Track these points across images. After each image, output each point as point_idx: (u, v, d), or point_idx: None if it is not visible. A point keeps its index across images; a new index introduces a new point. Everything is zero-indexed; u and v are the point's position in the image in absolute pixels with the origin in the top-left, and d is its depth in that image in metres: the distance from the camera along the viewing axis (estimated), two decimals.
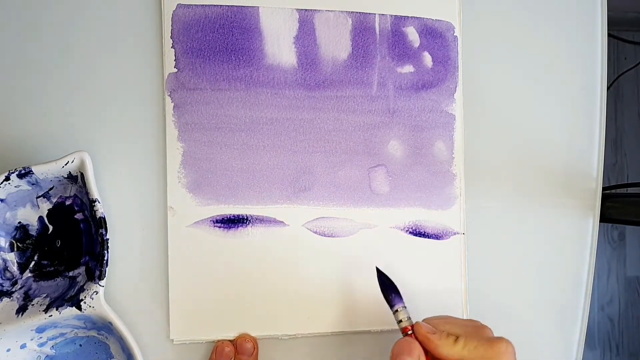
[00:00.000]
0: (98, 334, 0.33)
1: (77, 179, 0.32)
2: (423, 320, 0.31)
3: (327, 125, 0.36)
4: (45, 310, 0.30)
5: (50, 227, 0.34)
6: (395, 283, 0.32)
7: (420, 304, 0.37)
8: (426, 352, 0.30)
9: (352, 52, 0.37)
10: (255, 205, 0.35)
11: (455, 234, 0.38)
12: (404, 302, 0.32)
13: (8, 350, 0.31)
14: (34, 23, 0.34)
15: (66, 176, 0.32)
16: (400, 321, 0.31)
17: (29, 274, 0.33)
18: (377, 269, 0.33)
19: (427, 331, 0.30)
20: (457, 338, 0.29)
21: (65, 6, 0.35)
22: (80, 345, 0.34)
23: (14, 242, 0.33)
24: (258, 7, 0.36)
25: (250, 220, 0.35)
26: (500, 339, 0.29)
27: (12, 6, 0.34)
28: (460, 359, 0.29)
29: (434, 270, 0.37)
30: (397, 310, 0.31)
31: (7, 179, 0.31)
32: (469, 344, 0.29)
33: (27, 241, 0.33)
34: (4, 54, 0.34)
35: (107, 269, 0.31)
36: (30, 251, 0.33)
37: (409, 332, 0.31)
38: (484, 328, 0.30)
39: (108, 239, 0.31)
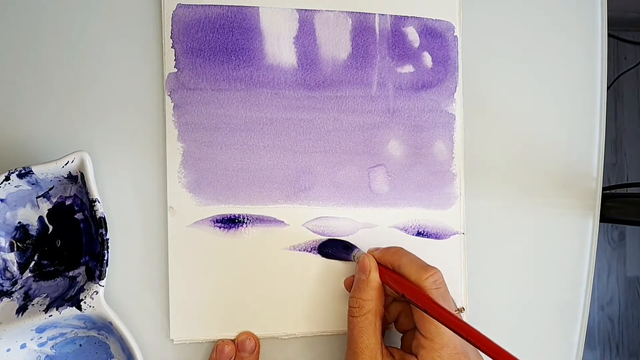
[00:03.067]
0: (98, 334, 0.33)
1: (77, 179, 0.32)
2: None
3: (327, 125, 0.36)
4: (45, 310, 0.30)
5: (50, 227, 0.34)
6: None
7: None
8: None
9: (352, 52, 0.37)
10: (255, 205, 0.35)
11: (455, 233, 0.38)
12: (356, 248, 0.35)
13: (8, 350, 0.31)
14: (33, 23, 0.34)
15: (66, 176, 0.32)
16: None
17: (29, 274, 0.33)
18: (319, 251, 0.36)
19: (373, 248, 0.34)
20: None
21: (65, 6, 0.35)
22: (80, 345, 0.34)
23: (14, 242, 0.33)
24: (258, 7, 0.36)
25: (250, 220, 0.35)
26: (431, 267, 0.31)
27: (12, 6, 0.34)
28: (398, 266, 0.32)
29: None
30: (353, 256, 0.35)
31: (7, 179, 0.31)
32: (407, 256, 0.32)
33: (27, 241, 0.33)
34: (4, 54, 0.34)
35: (107, 269, 0.31)
36: (30, 251, 0.33)
37: None
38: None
39: (108, 239, 0.31)
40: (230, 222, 0.35)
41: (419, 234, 0.37)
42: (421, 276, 0.30)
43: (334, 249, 0.35)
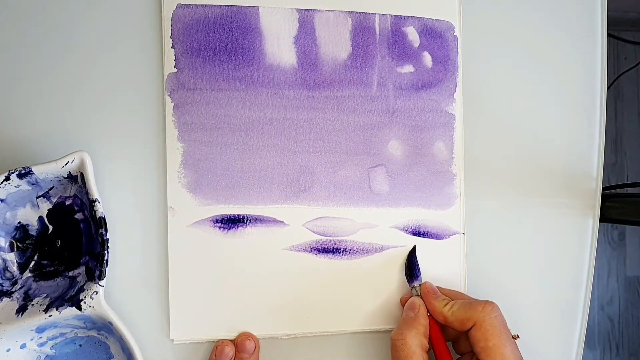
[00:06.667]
0: (98, 334, 0.33)
1: (77, 179, 0.32)
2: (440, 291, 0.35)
3: (327, 125, 0.36)
4: (45, 310, 0.30)
5: (50, 227, 0.34)
6: (403, 275, 0.37)
7: None
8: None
9: (352, 52, 0.37)
10: (255, 205, 0.35)
11: (455, 233, 0.38)
12: (420, 280, 0.36)
13: (8, 350, 0.31)
14: (34, 23, 0.34)
15: (66, 176, 0.32)
16: (416, 294, 0.35)
17: (29, 274, 0.33)
18: (413, 250, 0.37)
19: (429, 291, 0.34)
20: (448, 302, 0.33)
21: (65, 6, 0.35)
22: (80, 345, 0.34)
23: (14, 242, 0.33)
24: (258, 7, 0.36)
25: (250, 220, 0.35)
26: (480, 301, 0.32)
27: (12, 6, 0.34)
28: (444, 319, 0.33)
29: (434, 269, 0.37)
30: (413, 287, 0.36)
31: (7, 179, 0.31)
32: (453, 307, 0.33)
33: (27, 241, 0.33)
34: (4, 53, 0.34)
35: (107, 269, 0.31)
36: (30, 251, 0.33)
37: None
38: (478, 301, 0.33)
39: (108, 239, 0.31)
40: (230, 222, 0.35)
41: (419, 234, 0.37)
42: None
43: (410, 265, 0.36)
